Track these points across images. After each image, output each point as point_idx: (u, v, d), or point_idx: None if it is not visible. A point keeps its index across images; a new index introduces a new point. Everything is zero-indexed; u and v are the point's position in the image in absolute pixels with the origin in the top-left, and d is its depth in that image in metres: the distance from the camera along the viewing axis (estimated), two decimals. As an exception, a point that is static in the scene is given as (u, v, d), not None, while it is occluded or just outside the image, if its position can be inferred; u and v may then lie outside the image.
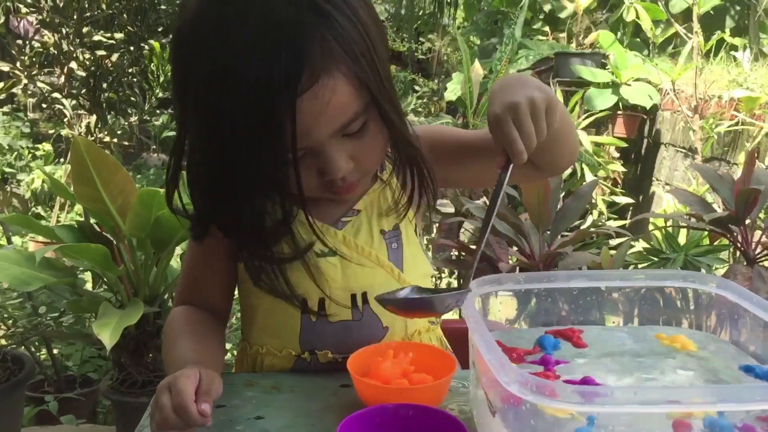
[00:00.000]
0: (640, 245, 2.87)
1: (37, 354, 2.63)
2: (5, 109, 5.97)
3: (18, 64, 4.00)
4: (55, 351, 2.68)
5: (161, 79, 4.39)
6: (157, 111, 5.98)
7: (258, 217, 0.91)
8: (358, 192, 0.97)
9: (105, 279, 2.14)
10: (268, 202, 0.91)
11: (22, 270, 1.92)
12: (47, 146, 6.12)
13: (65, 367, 2.84)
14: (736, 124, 3.82)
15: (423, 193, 1.00)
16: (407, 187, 1.00)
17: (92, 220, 2.23)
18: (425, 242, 1.09)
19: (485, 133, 1.03)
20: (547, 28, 5.78)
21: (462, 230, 3.21)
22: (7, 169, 5.71)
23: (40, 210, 5.49)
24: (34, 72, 4.02)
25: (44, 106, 4.58)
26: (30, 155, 5.94)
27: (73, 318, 2.37)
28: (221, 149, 0.84)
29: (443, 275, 3.42)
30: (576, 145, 1.08)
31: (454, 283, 3.11)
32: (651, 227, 3.13)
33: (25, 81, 4.04)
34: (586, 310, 0.92)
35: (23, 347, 2.42)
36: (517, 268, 2.39)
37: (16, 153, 5.76)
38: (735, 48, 4.50)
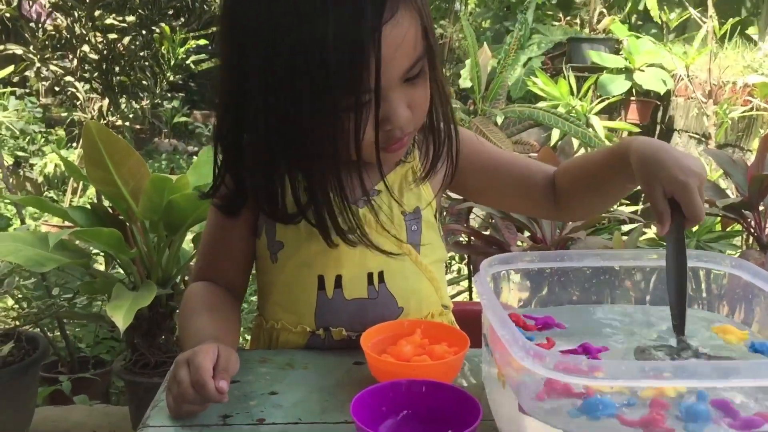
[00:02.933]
0: (652, 231, 2.86)
1: (51, 335, 2.65)
2: (18, 93, 5.99)
3: (30, 48, 4.01)
4: (68, 332, 2.71)
5: (172, 62, 4.39)
6: (168, 95, 6.00)
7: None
8: (405, 150, 0.97)
9: (118, 261, 2.15)
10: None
11: (36, 251, 1.94)
12: (60, 131, 6.15)
13: (78, 348, 2.87)
14: (751, 109, 3.79)
15: (448, 157, 1.01)
16: (430, 155, 1.01)
17: (105, 203, 2.24)
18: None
19: (519, 158, 1.13)
20: (560, 14, 5.74)
21: (472, 215, 3.21)
22: (20, 153, 5.75)
23: (52, 194, 5.52)
24: (47, 55, 4.02)
25: (57, 89, 4.60)
26: (43, 139, 5.97)
27: (86, 299, 2.39)
28: (293, 99, 0.83)
29: (454, 261, 3.42)
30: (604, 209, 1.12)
31: (464, 270, 3.10)
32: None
33: (38, 64, 4.05)
34: (599, 290, 0.92)
35: (37, 328, 2.44)
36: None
37: (28, 137, 5.80)
38: (749, 28, 4.45)
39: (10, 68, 3.82)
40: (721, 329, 0.86)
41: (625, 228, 3.08)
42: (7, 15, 3.83)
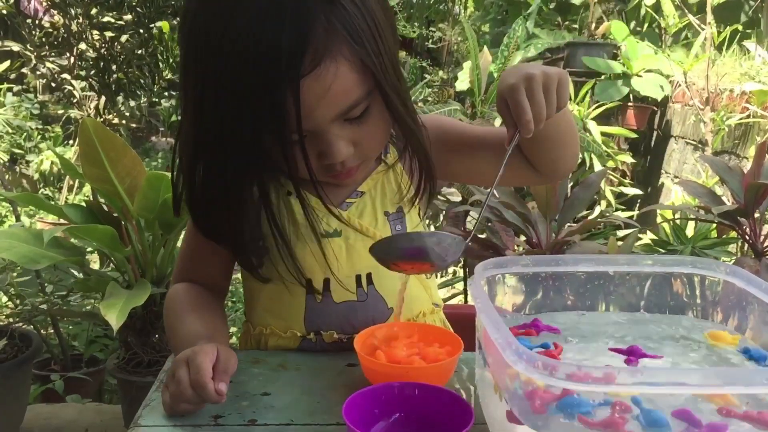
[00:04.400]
0: (648, 237, 2.86)
1: (44, 333, 2.64)
2: (15, 89, 5.98)
3: (27, 45, 4.00)
4: (61, 330, 2.70)
5: (170, 61, 4.38)
6: (166, 93, 5.99)
7: (262, 195, 0.90)
8: (357, 177, 0.96)
9: (113, 259, 2.15)
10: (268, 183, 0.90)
11: (30, 248, 1.93)
12: (57, 128, 6.14)
13: (71, 346, 2.86)
14: (747, 117, 3.80)
15: (426, 183, 1.00)
16: (413, 176, 1.01)
17: (101, 200, 2.24)
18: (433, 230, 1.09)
19: (491, 129, 1.07)
20: (558, 18, 5.74)
21: (468, 218, 3.21)
22: (16, 150, 5.74)
23: (48, 191, 5.51)
24: (44, 53, 4.02)
25: (53, 86, 4.59)
26: (39, 136, 5.95)
27: (80, 297, 2.38)
28: (219, 128, 0.83)
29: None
30: (577, 150, 1.09)
31: (460, 273, 3.10)
32: (659, 219, 3.12)
33: (34, 62, 4.04)
34: (594, 295, 0.92)
35: (31, 325, 2.43)
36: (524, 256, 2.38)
37: (25, 134, 5.78)
38: (747, 38, 4.46)
39: (6, 63, 3.81)
40: (713, 335, 0.86)
41: (621, 233, 3.09)
42: (4, 12, 3.82)
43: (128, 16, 3.91)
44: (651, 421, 0.62)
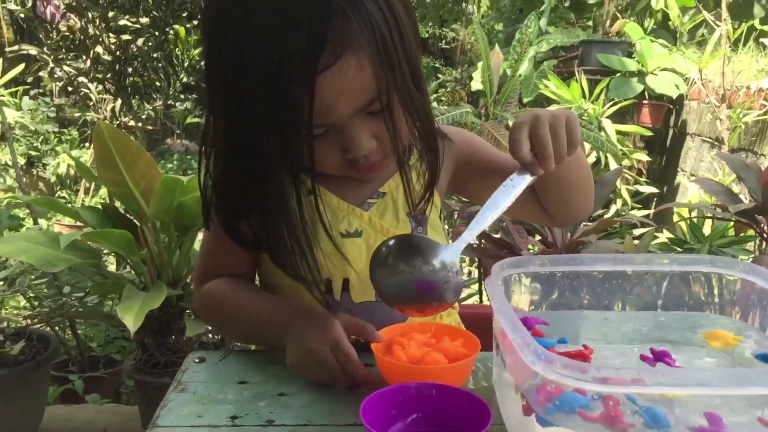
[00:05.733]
0: (664, 235, 2.84)
1: (62, 334, 2.66)
2: (32, 93, 6.03)
3: (44, 48, 4.04)
4: (79, 331, 2.72)
5: (186, 64, 4.41)
6: (182, 96, 6.02)
7: (281, 197, 0.90)
8: (380, 172, 0.96)
9: (129, 261, 2.16)
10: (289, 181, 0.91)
11: (48, 251, 1.95)
12: (73, 131, 6.19)
13: (89, 347, 2.88)
14: (764, 114, 3.76)
15: (430, 191, 1.00)
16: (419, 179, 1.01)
17: (117, 203, 2.25)
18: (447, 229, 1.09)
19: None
20: (572, 16, 5.71)
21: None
22: (33, 153, 5.79)
23: (65, 194, 5.56)
24: (60, 56, 4.05)
25: (70, 89, 4.62)
26: (56, 139, 6.01)
27: (97, 299, 2.40)
28: (243, 126, 0.85)
29: (464, 264, 3.41)
30: (591, 199, 1.08)
31: (475, 273, 3.09)
32: (675, 218, 3.10)
33: (51, 65, 4.07)
34: (611, 293, 0.91)
35: (48, 327, 2.45)
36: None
37: (42, 137, 5.83)
38: (764, 35, 4.42)
39: (21, 67, 3.84)
40: (711, 335, 0.86)
41: (637, 232, 3.07)
42: (22, 15, 3.85)
43: (144, 20, 3.93)
44: (651, 416, 0.62)
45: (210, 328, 2.15)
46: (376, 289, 0.88)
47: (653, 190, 4.28)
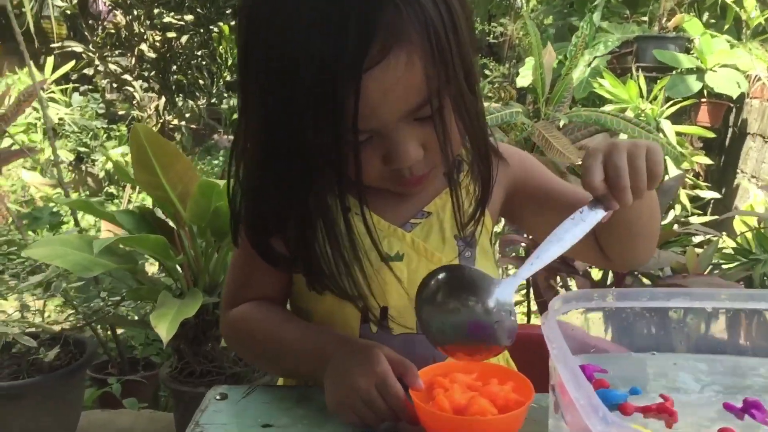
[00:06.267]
0: (728, 245, 2.68)
1: (102, 335, 2.64)
2: (81, 89, 6.09)
3: (90, 46, 4.04)
4: (119, 331, 2.69)
5: (229, 62, 4.38)
6: (225, 94, 6.01)
7: (322, 210, 0.81)
8: (427, 186, 0.86)
9: (165, 266, 2.11)
10: (328, 195, 0.81)
11: (84, 255, 1.90)
12: (122, 127, 6.23)
13: (130, 347, 2.85)
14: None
15: (480, 212, 0.90)
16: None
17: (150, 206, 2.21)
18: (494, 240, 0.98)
19: (576, 189, 0.94)
20: (626, 10, 5.51)
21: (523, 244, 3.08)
22: (82, 149, 5.84)
23: (113, 189, 5.60)
24: (106, 53, 4.05)
25: (115, 86, 4.64)
26: (105, 135, 6.05)
27: (134, 303, 2.36)
28: (283, 127, 0.76)
29: (510, 272, 3.29)
30: (655, 244, 0.96)
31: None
32: (737, 224, 2.93)
33: (97, 62, 4.08)
34: (680, 332, 0.80)
35: (89, 328, 2.42)
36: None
37: (91, 133, 5.88)
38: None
39: (71, 64, 3.85)
40: None
41: (697, 239, 2.90)
42: (68, 12, 3.86)
43: (189, 17, 3.90)
44: None
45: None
46: (421, 326, 0.79)
47: (715, 195, 4.08)
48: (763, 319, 0.79)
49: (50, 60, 4.82)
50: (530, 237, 2.15)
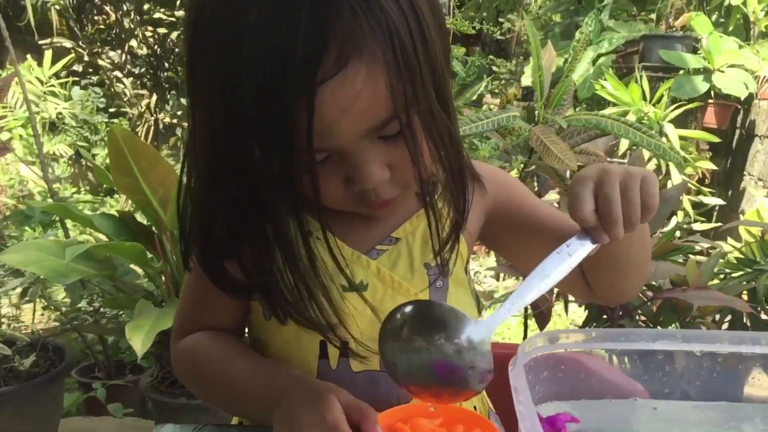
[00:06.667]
0: (729, 248, 2.60)
1: (88, 338, 2.57)
2: (82, 83, 6.03)
3: (80, 42, 3.98)
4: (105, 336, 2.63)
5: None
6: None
7: (278, 235, 0.74)
8: (396, 209, 0.78)
9: (146, 271, 2.04)
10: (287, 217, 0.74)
11: (59, 261, 1.84)
12: (124, 122, 6.15)
13: (118, 349, 2.79)
14: None
15: (454, 237, 0.81)
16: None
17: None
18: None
19: (560, 216, 0.87)
20: (634, 9, 5.41)
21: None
22: (82, 144, 5.78)
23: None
24: (95, 49, 3.98)
25: (107, 83, 4.57)
26: (106, 129, 5.98)
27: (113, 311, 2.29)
28: (232, 142, 0.68)
29: (506, 280, 3.21)
30: (643, 281, 0.90)
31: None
32: (743, 232, 2.84)
33: (87, 58, 4.02)
34: (673, 380, 0.72)
35: (76, 333, 2.36)
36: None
37: (91, 127, 5.81)
38: None
39: (69, 57, 3.78)
40: None
41: (699, 246, 2.81)
42: (57, 7, 3.79)
43: (180, 12, 3.82)
44: None
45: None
46: (384, 364, 0.71)
47: (719, 201, 3.98)
48: (758, 364, 0.72)
49: (48, 54, 4.76)
50: (509, 264, 2.06)
